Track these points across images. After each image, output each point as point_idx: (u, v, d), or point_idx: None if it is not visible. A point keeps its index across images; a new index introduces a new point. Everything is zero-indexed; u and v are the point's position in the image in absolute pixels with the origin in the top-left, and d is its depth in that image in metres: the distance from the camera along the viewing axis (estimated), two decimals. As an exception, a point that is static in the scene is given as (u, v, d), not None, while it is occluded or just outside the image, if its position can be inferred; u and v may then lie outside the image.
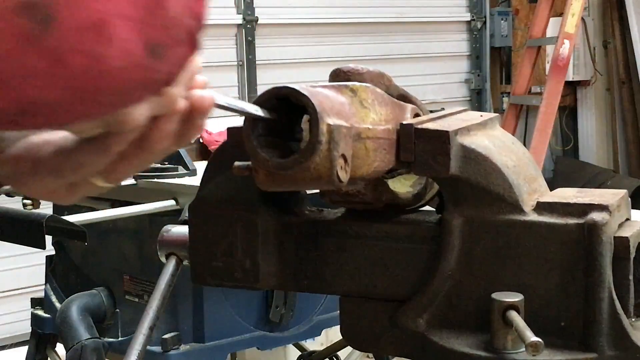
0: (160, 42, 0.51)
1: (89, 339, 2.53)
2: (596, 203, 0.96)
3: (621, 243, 0.95)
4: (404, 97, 1.03)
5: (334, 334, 3.10)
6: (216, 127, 3.06)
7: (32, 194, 0.65)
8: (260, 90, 4.97)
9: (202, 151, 3.30)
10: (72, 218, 2.36)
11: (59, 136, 0.62)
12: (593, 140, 7.86)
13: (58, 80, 0.48)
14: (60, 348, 2.79)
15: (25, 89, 0.47)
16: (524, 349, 0.92)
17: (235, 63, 5.98)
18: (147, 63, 0.50)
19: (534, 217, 0.97)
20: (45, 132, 0.61)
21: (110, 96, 0.51)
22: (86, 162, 0.60)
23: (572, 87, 7.74)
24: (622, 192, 1.03)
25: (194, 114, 0.63)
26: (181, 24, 0.52)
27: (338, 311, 1.08)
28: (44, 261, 2.91)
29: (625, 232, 0.97)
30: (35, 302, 2.91)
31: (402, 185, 1.06)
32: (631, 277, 0.97)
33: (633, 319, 0.97)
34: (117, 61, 0.48)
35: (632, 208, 1.06)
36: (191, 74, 0.60)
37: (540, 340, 0.88)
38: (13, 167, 0.62)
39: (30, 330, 2.92)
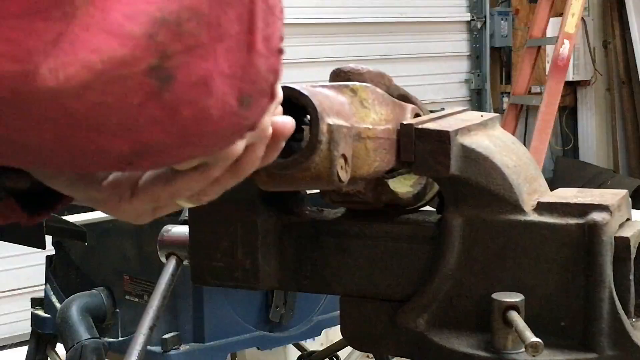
0: (249, 95, 0.59)
1: (89, 339, 2.52)
2: (596, 203, 0.96)
3: (622, 243, 0.95)
4: (404, 97, 1.03)
5: (334, 334, 3.10)
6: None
7: (120, 217, 0.70)
8: (260, 90, 4.92)
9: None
10: (72, 218, 2.36)
11: None
12: (593, 140, 7.86)
13: (172, 127, 0.55)
14: (60, 348, 2.79)
15: (144, 135, 0.55)
16: (524, 349, 0.92)
17: (235, 63, 5.97)
18: (238, 112, 0.58)
19: (534, 217, 0.97)
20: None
21: (210, 140, 0.59)
22: (184, 188, 0.67)
23: (572, 87, 7.73)
24: (623, 192, 1.03)
25: (278, 138, 0.70)
26: (266, 78, 0.60)
27: (338, 311, 1.08)
28: (44, 261, 2.91)
29: (626, 232, 0.97)
30: (35, 302, 2.91)
31: (402, 185, 1.06)
32: (631, 277, 0.97)
33: (633, 319, 0.97)
34: (217, 111, 0.56)
35: (633, 208, 1.06)
36: (276, 105, 0.68)
37: (540, 340, 0.88)
38: (111, 192, 0.68)
39: (30, 330, 2.92)
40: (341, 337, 1.10)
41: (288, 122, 0.71)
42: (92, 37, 0.49)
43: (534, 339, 0.88)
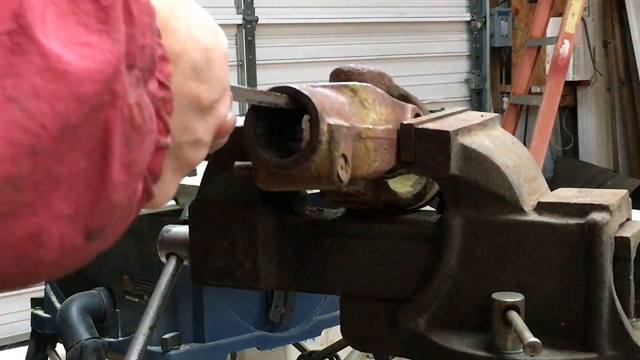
0: (100, 227, 0.52)
1: (89, 339, 2.53)
2: (596, 203, 0.96)
3: (622, 243, 0.95)
4: (405, 97, 1.03)
5: (334, 334, 3.10)
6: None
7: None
8: (260, 90, 4.93)
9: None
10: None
11: None
12: (593, 140, 7.86)
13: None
14: (60, 348, 2.79)
15: None
16: (523, 349, 0.92)
17: (235, 63, 5.98)
18: (86, 247, 0.52)
19: (534, 217, 0.97)
20: None
21: (42, 279, 0.53)
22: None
23: (572, 87, 7.74)
24: (623, 192, 1.03)
25: (220, 135, 0.68)
26: (125, 205, 0.53)
27: (338, 311, 1.08)
28: (44, 261, 2.91)
29: (626, 232, 0.97)
30: (35, 302, 2.91)
31: (403, 185, 1.06)
32: (632, 277, 0.97)
33: (633, 319, 0.97)
34: (53, 256, 0.50)
35: (633, 208, 1.06)
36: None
37: (538, 340, 0.88)
38: None
39: (30, 330, 2.92)
40: (341, 337, 1.10)
41: (231, 122, 0.69)
42: None
43: (532, 339, 0.88)
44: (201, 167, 0.93)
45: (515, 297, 0.94)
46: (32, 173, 0.46)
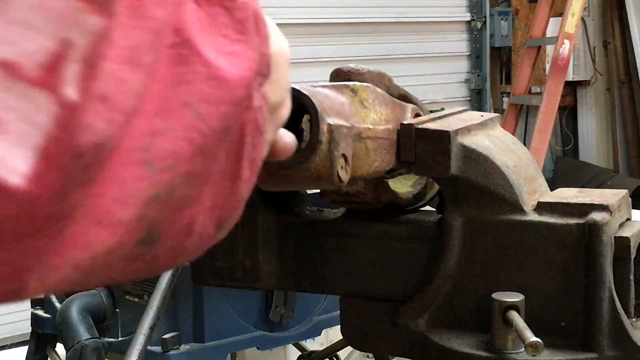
0: (228, 218, 0.58)
1: (89, 339, 2.52)
2: (597, 203, 0.96)
3: (622, 243, 0.95)
4: (405, 97, 1.03)
5: (334, 334, 3.10)
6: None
7: None
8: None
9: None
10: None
11: None
12: (593, 140, 7.86)
13: (145, 271, 0.55)
14: (60, 348, 2.79)
15: (120, 280, 0.55)
16: (524, 349, 0.92)
17: (235, 63, 5.96)
18: (215, 236, 0.58)
19: (534, 217, 0.97)
20: None
21: (179, 264, 0.59)
22: None
23: (572, 87, 7.73)
24: (623, 192, 1.03)
25: (279, 156, 0.72)
26: (245, 197, 0.59)
27: (338, 311, 1.08)
28: (44, 261, 2.91)
29: (626, 232, 0.97)
30: (35, 302, 2.91)
31: (403, 185, 1.06)
32: (632, 277, 0.97)
33: (633, 319, 0.97)
34: (194, 245, 0.55)
35: (633, 208, 1.06)
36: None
37: (539, 340, 0.88)
38: None
39: (30, 330, 2.92)
40: (341, 337, 1.10)
41: (290, 144, 0.73)
42: (83, 232, 0.45)
43: (534, 338, 0.88)
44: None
45: (515, 297, 0.94)
46: (200, 170, 0.51)
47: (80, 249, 0.46)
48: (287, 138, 0.73)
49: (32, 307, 2.91)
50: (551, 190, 1.05)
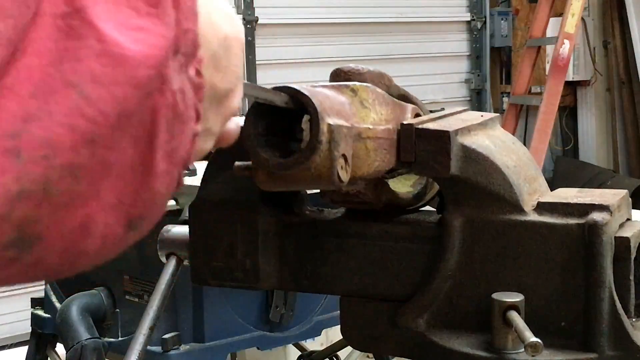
0: (140, 217, 0.51)
1: (89, 339, 2.52)
2: (597, 203, 0.96)
3: (622, 243, 0.95)
4: (405, 97, 1.03)
5: (334, 334, 3.10)
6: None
7: None
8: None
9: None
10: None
11: None
12: (593, 140, 7.86)
13: (34, 275, 0.48)
14: (60, 348, 2.79)
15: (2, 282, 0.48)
16: (524, 349, 0.92)
17: (235, 63, 5.96)
18: (125, 237, 0.51)
19: (534, 217, 0.97)
20: None
21: (81, 268, 0.52)
22: None
23: (572, 87, 7.73)
24: (623, 192, 1.03)
25: (224, 142, 0.67)
26: (164, 194, 0.52)
27: (338, 311, 1.08)
28: (44, 261, 2.91)
29: (626, 232, 0.97)
30: (35, 302, 2.91)
31: (403, 185, 1.06)
32: (632, 277, 0.97)
33: (633, 319, 0.97)
34: (96, 246, 0.49)
35: (633, 208, 1.06)
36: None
37: (539, 340, 0.88)
38: None
39: (30, 330, 2.92)
40: (341, 337, 1.10)
41: (234, 131, 0.68)
42: None
43: (534, 338, 0.88)
44: (201, 167, 0.93)
45: (515, 297, 0.94)
46: (89, 161, 0.45)
47: None
48: (231, 124, 0.67)
49: (32, 307, 2.90)
50: (551, 190, 1.05)
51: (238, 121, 0.69)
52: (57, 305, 2.72)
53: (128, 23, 0.45)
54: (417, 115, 1.02)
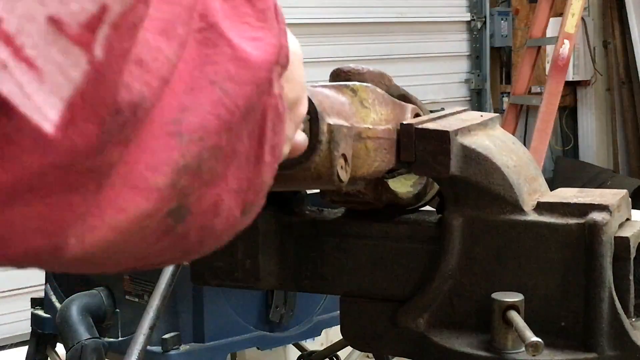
0: (252, 203, 0.60)
1: (89, 339, 2.52)
2: (596, 203, 0.96)
3: (621, 243, 0.95)
4: (405, 97, 1.03)
5: (334, 334, 3.10)
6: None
7: None
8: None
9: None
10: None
11: None
12: (593, 140, 7.86)
13: (177, 249, 0.57)
14: (60, 348, 2.79)
15: (151, 259, 0.57)
16: (524, 349, 0.92)
17: (235, 63, 5.96)
18: (240, 221, 0.60)
19: (534, 217, 0.97)
20: None
21: (208, 247, 0.60)
22: None
23: (572, 87, 7.73)
24: (623, 192, 1.03)
25: (293, 155, 0.75)
26: (268, 184, 0.61)
27: (338, 311, 1.08)
28: (44, 261, 2.91)
29: (626, 232, 0.97)
30: (35, 302, 2.91)
31: (403, 185, 1.06)
32: (631, 277, 0.97)
33: (633, 319, 0.97)
34: (221, 226, 0.57)
35: (633, 208, 1.06)
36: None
37: (540, 340, 0.88)
38: None
39: (30, 330, 2.92)
40: (341, 337, 1.10)
41: (302, 144, 0.76)
42: (119, 195, 0.48)
43: (534, 338, 0.88)
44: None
45: (515, 297, 0.94)
46: (226, 146, 0.54)
47: (117, 211, 0.49)
48: (299, 137, 0.75)
49: (32, 307, 2.91)
50: (551, 190, 1.05)
51: (305, 136, 0.78)
52: (57, 305, 2.72)
53: (246, 35, 0.55)
54: (417, 115, 1.02)
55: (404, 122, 0.97)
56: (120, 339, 2.59)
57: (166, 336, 2.42)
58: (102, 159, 0.46)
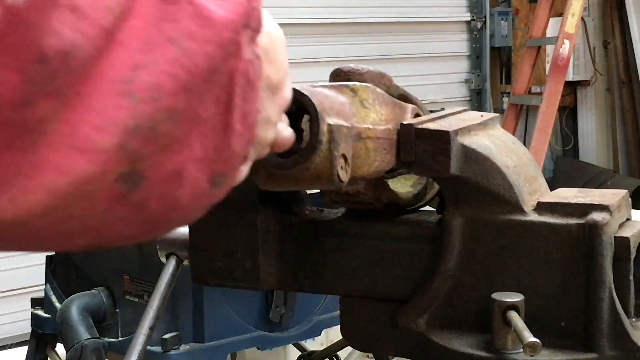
0: (222, 174, 0.57)
1: (89, 339, 2.52)
2: (597, 203, 0.96)
3: (622, 243, 0.95)
4: (405, 97, 1.03)
5: (334, 334, 3.10)
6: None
7: None
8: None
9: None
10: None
11: None
12: (593, 140, 7.86)
13: (137, 221, 0.53)
14: (60, 348, 2.79)
15: (107, 231, 0.53)
16: (522, 349, 0.92)
17: (235, 63, 5.95)
18: (209, 193, 0.57)
19: (534, 217, 0.97)
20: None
21: (176, 222, 0.58)
22: None
23: (572, 87, 7.73)
24: (623, 192, 1.03)
25: (277, 149, 0.73)
26: (240, 154, 0.58)
27: (338, 311, 1.08)
28: (44, 261, 2.91)
29: (626, 232, 0.97)
30: (35, 302, 2.91)
31: (403, 185, 1.06)
32: (631, 277, 0.97)
33: (633, 319, 0.97)
34: (186, 197, 0.54)
35: (633, 208, 1.06)
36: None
37: (537, 340, 0.88)
38: None
39: (30, 330, 2.92)
40: (341, 337, 1.10)
41: (288, 138, 0.73)
42: (59, 157, 0.45)
43: (532, 339, 0.88)
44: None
45: (515, 297, 0.94)
46: (185, 109, 0.51)
47: (56, 174, 0.45)
48: (285, 132, 0.73)
49: (32, 307, 2.91)
50: (551, 190, 1.05)
51: (292, 130, 0.76)
52: (57, 305, 2.72)
53: None
54: (417, 115, 1.02)
55: (404, 122, 0.97)
56: (120, 339, 2.59)
57: (166, 336, 2.42)
58: (33, 114, 0.43)
